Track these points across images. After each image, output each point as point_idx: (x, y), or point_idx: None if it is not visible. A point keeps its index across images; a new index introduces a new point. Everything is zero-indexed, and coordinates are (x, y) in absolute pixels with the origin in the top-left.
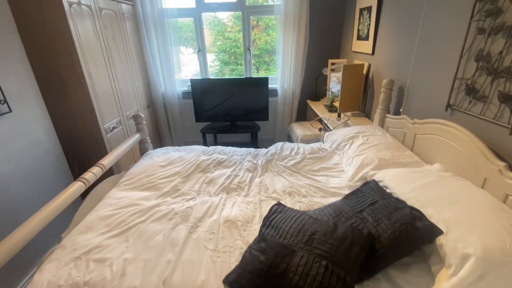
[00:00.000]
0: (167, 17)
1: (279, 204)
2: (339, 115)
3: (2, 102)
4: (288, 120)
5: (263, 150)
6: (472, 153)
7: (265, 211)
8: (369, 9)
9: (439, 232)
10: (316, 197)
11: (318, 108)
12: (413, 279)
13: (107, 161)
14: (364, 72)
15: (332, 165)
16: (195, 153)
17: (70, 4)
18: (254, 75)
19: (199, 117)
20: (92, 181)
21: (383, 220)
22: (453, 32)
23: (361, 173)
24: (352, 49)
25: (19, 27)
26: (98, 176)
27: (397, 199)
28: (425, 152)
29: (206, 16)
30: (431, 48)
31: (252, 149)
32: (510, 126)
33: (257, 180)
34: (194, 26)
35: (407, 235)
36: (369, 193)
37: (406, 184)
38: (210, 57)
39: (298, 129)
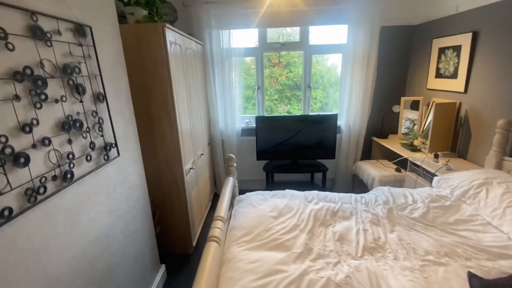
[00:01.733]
0: (234, 56)
1: (475, 276)
2: (436, 156)
3: (113, 145)
4: (353, 159)
5: (369, 197)
6: None
7: (437, 281)
8: (456, 48)
9: None
10: (481, 260)
11: (393, 146)
12: None
13: (223, 212)
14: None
15: (467, 216)
16: (299, 200)
17: (171, 44)
18: (275, 111)
19: (260, 155)
20: (222, 238)
21: None
22: None
23: None
24: (428, 87)
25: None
26: (224, 230)
27: None
28: None
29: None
30: None
31: (355, 195)
32: None
33: (392, 236)
34: (255, 64)
35: None
36: None
37: None
38: (232, 91)
39: (371, 169)
